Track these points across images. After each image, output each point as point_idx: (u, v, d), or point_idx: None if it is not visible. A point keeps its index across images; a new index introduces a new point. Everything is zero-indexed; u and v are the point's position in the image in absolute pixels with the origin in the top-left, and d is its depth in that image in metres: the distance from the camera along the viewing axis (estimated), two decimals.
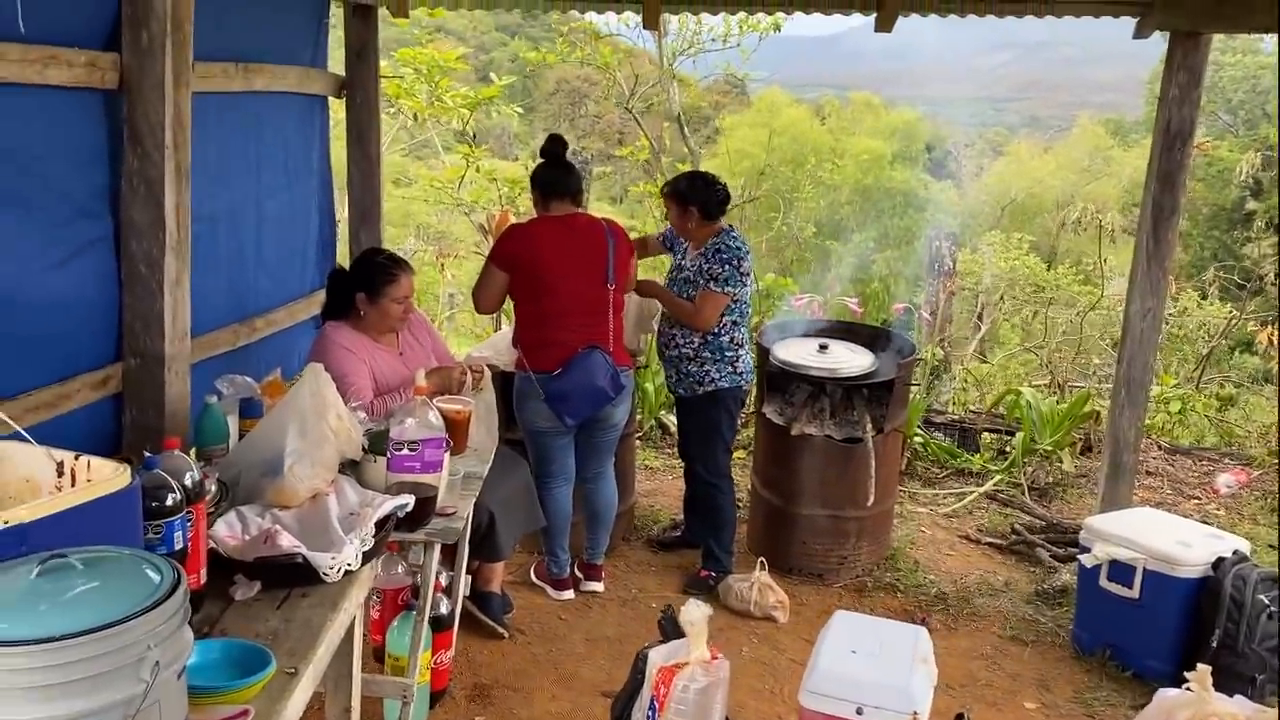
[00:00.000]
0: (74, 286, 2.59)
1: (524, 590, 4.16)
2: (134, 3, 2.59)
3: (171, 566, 1.58)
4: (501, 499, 3.55)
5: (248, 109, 3.52)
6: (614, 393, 3.75)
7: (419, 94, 6.73)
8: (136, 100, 2.65)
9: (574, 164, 3.95)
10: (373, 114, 4.60)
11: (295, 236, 4.08)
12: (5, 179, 2.31)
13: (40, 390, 2.51)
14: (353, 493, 2.65)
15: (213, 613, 2.24)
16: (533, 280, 3.73)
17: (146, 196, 2.71)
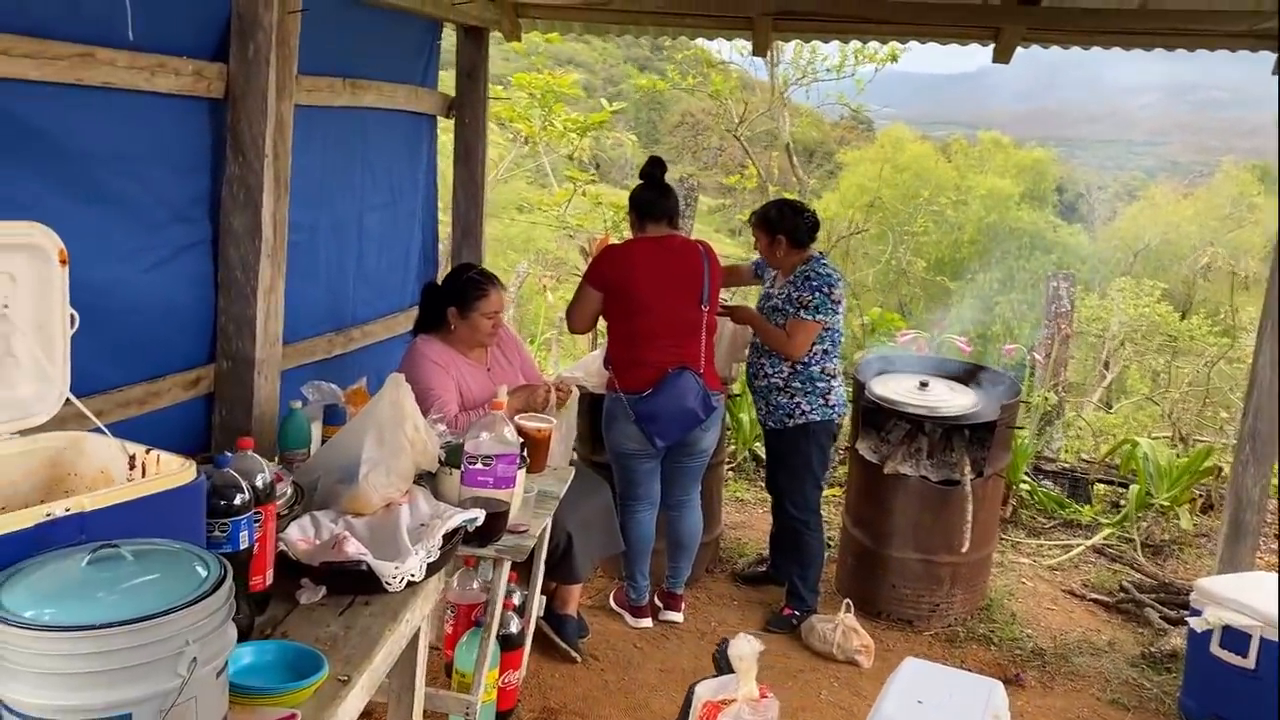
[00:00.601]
0: (170, 288, 2.67)
1: (602, 615, 4.11)
2: (242, 16, 2.68)
3: (220, 564, 1.58)
4: (580, 521, 3.52)
5: (354, 124, 3.60)
6: (704, 414, 3.70)
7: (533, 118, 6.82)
8: (240, 109, 2.73)
9: (672, 186, 3.92)
10: (480, 135, 4.66)
11: (397, 251, 4.15)
12: (108, 181, 2.40)
13: (132, 387, 2.59)
14: (425, 504, 2.65)
15: (277, 614, 2.25)
16: (625, 300, 3.71)
17: (245, 204, 2.79)
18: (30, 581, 1.47)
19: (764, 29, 4.68)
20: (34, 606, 1.41)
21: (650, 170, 3.86)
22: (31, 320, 1.95)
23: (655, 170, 3.86)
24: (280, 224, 2.89)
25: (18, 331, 1.93)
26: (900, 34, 4.86)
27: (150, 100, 2.48)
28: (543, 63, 7.74)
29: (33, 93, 2.12)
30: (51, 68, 2.14)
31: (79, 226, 2.30)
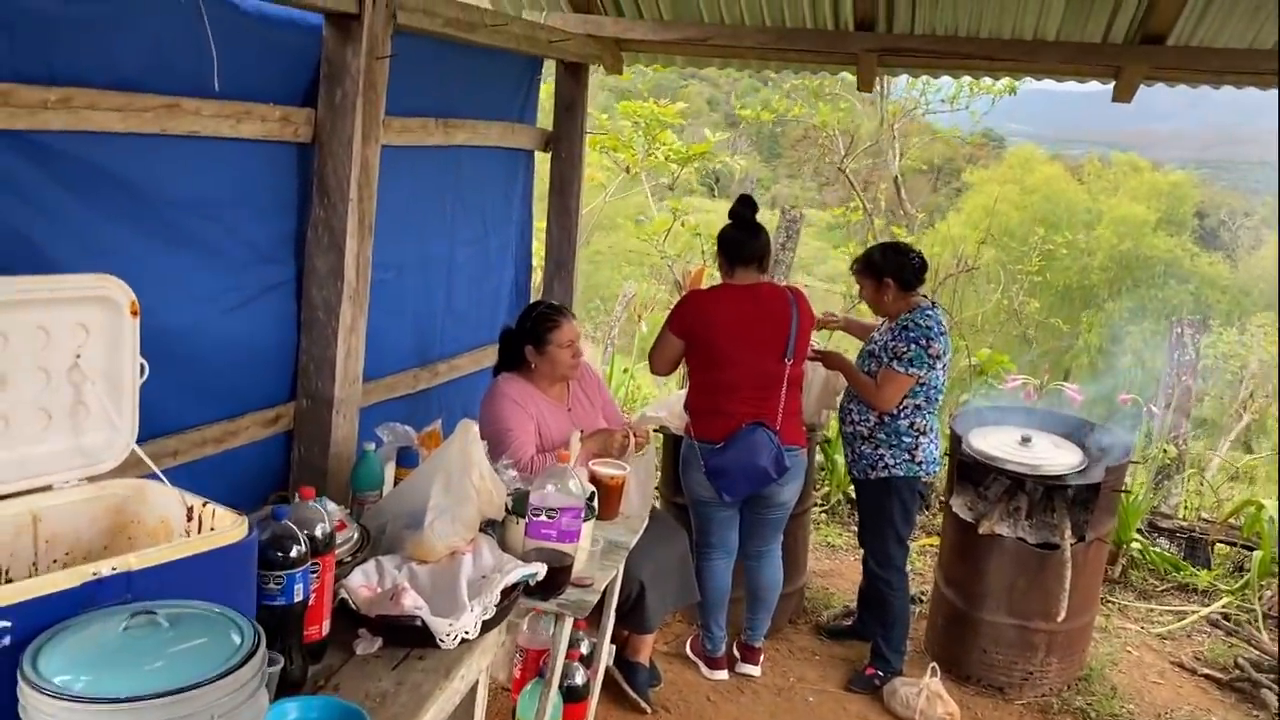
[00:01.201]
0: (252, 328, 2.73)
1: (677, 663, 4.03)
2: (331, 61, 2.72)
3: (255, 631, 1.58)
4: (655, 569, 3.46)
5: (447, 162, 3.63)
6: (776, 474, 3.59)
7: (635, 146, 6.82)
8: (327, 154, 2.78)
9: (763, 226, 3.83)
10: (576, 169, 4.66)
11: (488, 285, 4.18)
12: (191, 225, 2.46)
13: (210, 425, 2.64)
14: (489, 554, 2.63)
15: (332, 664, 2.26)
16: (707, 350, 3.64)
17: (329, 246, 2.83)
18: (68, 646, 1.49)
19: (869, 64, 4.57)
20: (68, 672, 1.42)
21: (740, 210, 3.78)
22: (102, 370, 2.01)
23: (745, 210, 3.77)
24: (363, 266, 2.92)
25: (89, 381, 1.98)
26: (1013, 71, 4.69)
27: (236, 146, 2.54)
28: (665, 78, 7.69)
29: (119, 143, 2.19)
30: (137, 119, 2.21)
31: (161, 270, 2.38)
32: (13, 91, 1.90)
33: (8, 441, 1.88)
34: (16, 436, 1.89)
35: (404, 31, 2.90)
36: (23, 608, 1.51)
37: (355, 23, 2.68)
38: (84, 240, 2.15)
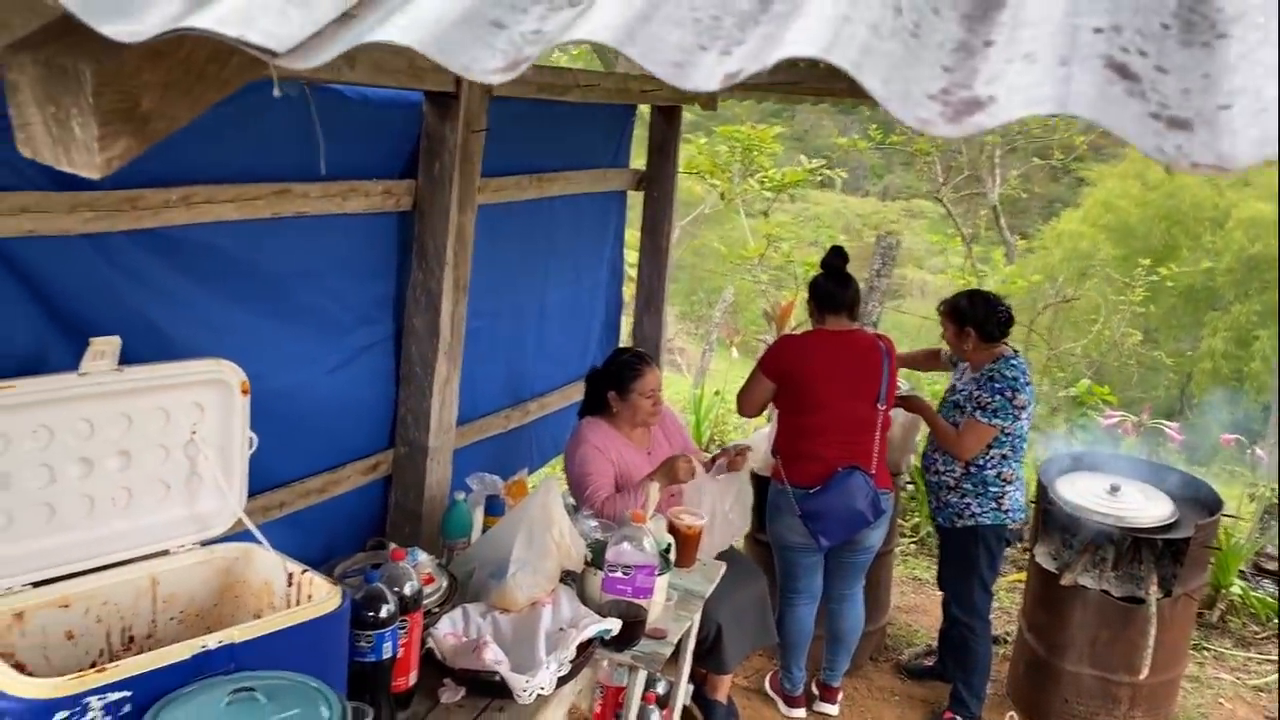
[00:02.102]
0: (352, 385, 2.91)
1: (755, 699, 4.11)
2: (430, 136, 2.88)
3: (341, 705, 1.73)
4: (733, 611, 3.54)
5: (541, 212, 3.77)
6: (873, 517, 3.63)
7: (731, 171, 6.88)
8: (425, 222, 2.94)
9: (853, 277, 3.87)
10: (667, 207, 4.75)
11: (579, 324, 4.31)
12: (297, 295, 2.64)
13: (314, 477, 2.83)
14: (567, 607, 2.75)
15: (419, 711, 2.42)
16: (799, 394, 3.70)
17: (426, 306, 3.00)
18: (178, 716, 1.66)
19: None
20: None
21: (831, 260, 3.83)
22: (215, 443, 2.19)
23: (836, 260, 3.82)
24: (458, 323, 3.08)
25: (202, 453, 2.17)
26: None
27: (342, 220, 2.71)
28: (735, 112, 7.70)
29: (233, 230, 2.38)
30: (251, 207, 2.39)
31: (270, 340, 2.57)
32: (140, 196, 2.10)
33: (131, 512, 2.08)
34: (138, 507, 2.09)
35: (499, 99, 3.04)
36: (141, 679, 1.69)
37: (454, 100, 2.83)
38: (201, 321, 2.34)
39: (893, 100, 0.54)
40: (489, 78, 0.65)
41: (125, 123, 0.66)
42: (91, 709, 1.64)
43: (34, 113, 0.65)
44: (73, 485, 1.99)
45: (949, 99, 0.54)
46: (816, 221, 14.20)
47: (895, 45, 0.53)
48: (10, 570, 1.91)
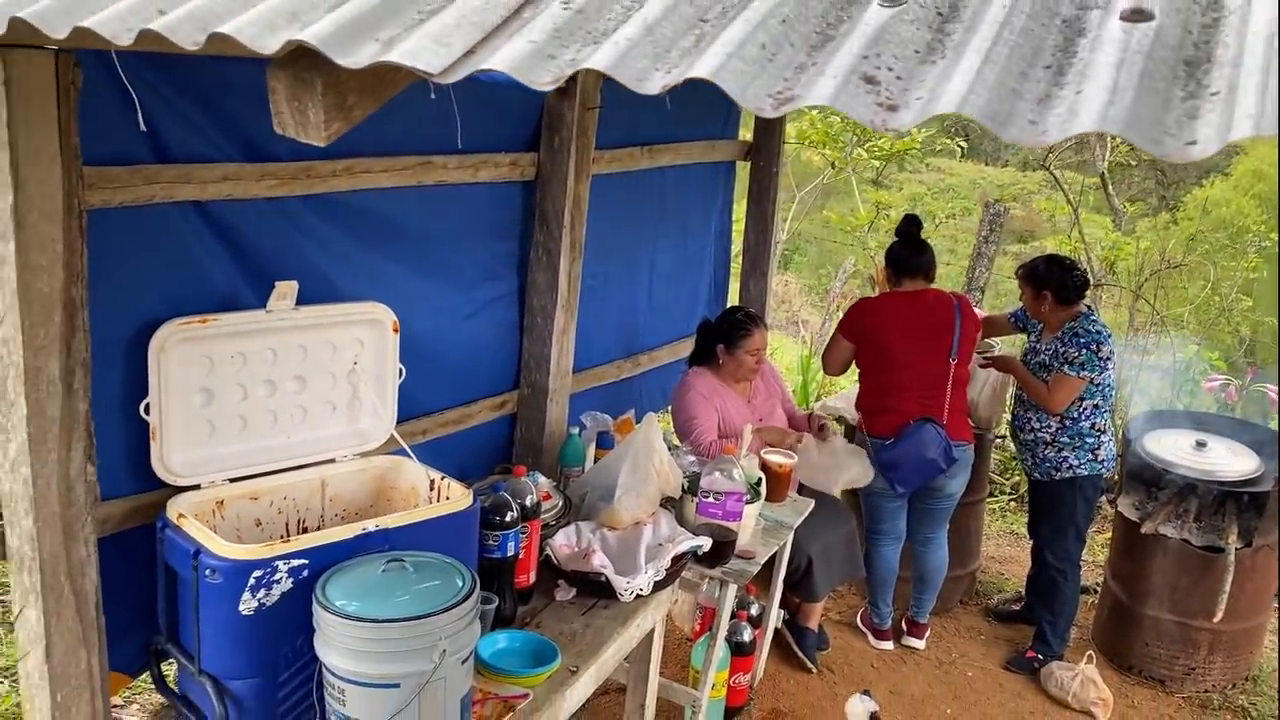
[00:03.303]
0: (483, 332, 3.31)
1: (847, 632, 4.39)
2: (550, 113, 3.24)
3: (472, 578, 2.12)
4: (822, 545, 3.83)
5: (651, 181, 4.09)
6: (945, 464, 3.85)
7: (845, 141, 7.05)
8: (546, 190, 3.31)
9: (928, 242, 4.08)
10: (773, 177, 5.00)
11: (686, 285, 4.63)
12: (438, 253, 3.04)
13: (450, 410, 3.24)
14: (666, 526, 3.10)
15: (536, 606, 2.81)
16: (876, 352, 3.95)
17: (546, 264, 3.37)
18: (345, 580, 2.07)
19: None
20: (344, 599, 2.00)
21: (906, 228, 4.06)
22: (372, 372, 2.61)
23: (911, 228, 4.05)
24: (574, 280, 3.44)
25: (362, 381, 2.59)
26: None
27: (475, 188, 3.10)
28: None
29: (385, 195, 2.78)
30: (399, 176, 2.79)
31: (415, 290, 2.97)
32: (313, 166, 2.51)
33: (306, 426, 2.52)
34: (312, 422, 2.53)
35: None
36: (316, 550, 2.11)
37: (571, 82, 3.17)
38: (360, 270, 2.75)
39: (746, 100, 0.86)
40: (541, 87, 0.99)
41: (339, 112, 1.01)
42: (279, 571, 2.07)
43: (284, 105, 1.02)
44: (260, 402, 2.43)
45: (779, 96, 0.84)
46: (951, 193, 14.02)
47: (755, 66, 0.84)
48: (212, 467, 2.36)
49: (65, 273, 1.93)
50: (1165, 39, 0.78)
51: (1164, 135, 0.71)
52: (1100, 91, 0.75)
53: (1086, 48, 0.79)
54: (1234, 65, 0.74)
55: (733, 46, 0.87)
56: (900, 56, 0.81)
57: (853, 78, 0.81)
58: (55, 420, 1.99)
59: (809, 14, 0.88)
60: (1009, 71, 0.79)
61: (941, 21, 0.84)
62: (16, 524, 2.04)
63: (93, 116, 1.95)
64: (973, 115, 0.76)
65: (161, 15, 1.05)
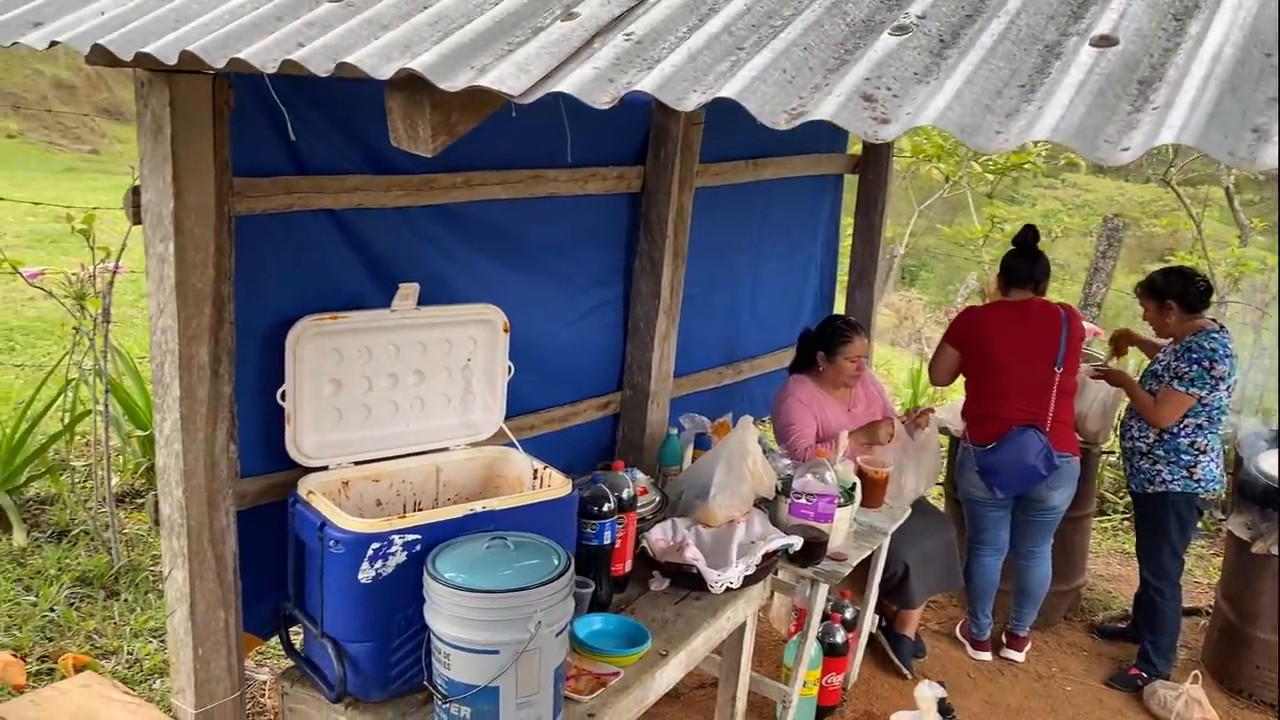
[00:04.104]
0: (588, 335, 3.47)
1: (945, 641, 4.39)
2: (657, 129, 3.39)
3: (567, 558, 2.27)
4: (920, 553, 3.86)
5: (756, 193, 4.20)
6: (1046, 471, 3.84)
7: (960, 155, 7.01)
8: (651, 201, 3.46)
9: (1043, 253, 4.07)
10: (881, 189, 5.04)
11: (790, 295, 4.71)
12: (547, 260, 3.22)
13: (556, 408, 3.42)
14: (759, 525, 3.20)
15: (631, 594, 2.94)
16: (980, 359, 3.96)
17: (650, 272, 3.52)
18: (454, 554, 2.24)
19: None
20: (452, 571, 2.17)
21: (1022, 239, 4.05)
22: (484, 369, 2.80)
23: (1027, 238, 4.05)
24: (676, 288, 3.58)
25: (475, 376, 2.78)
26: None
27: (583, 200, 3.27)
28: None
29: (499, 205, 2.98)
30: (513, 188, 2.98)
31: (526, 294, 3.15)
32: (435, 179, 2.72)
33: (424, 416, 2.72)
34: (429, 413, 2.73)
35: None
36: (428, 527, 2.29)
37: None
38: (475, 275, 2.95)
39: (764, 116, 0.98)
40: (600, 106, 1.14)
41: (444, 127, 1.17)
42: (394, 544, 2.26)
43: (399, 122, 1.19)
44: (383, 393, 2.64)
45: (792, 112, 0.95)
46: (1087, 209, 13.63)
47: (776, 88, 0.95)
48: (339, 451, 2.58)
49: (215, 271, 2.17)
50: (1126, 61, 0.86)
51: (1103, 142, 0.80)
52: (1058, 107, 0.84)
53: (1059, 69, 0.88)
54: (1177, 83, 0.82)
55: (759, 71, 1.00)
56: (899, 78, 0.93)
57: (854, 96, 0.93)
58: (203, 402, 2.23)
59: (829, 42, 1.01)
60: (985, 90, 0.89)
61: (942, 47, 0.95)
62: (169, 494, 2.29)
63: (241, 133, 2.18)
64: (946, 128, 0.86)
65: (300, 47, 1.23)
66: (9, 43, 1.50)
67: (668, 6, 1.18)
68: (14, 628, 3.15)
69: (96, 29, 1.43)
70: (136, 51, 1.34)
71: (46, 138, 16.79)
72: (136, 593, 3.44)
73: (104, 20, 1.44)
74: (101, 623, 3.29)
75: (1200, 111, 0.78)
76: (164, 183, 2.05)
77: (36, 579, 3.43)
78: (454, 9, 1.27)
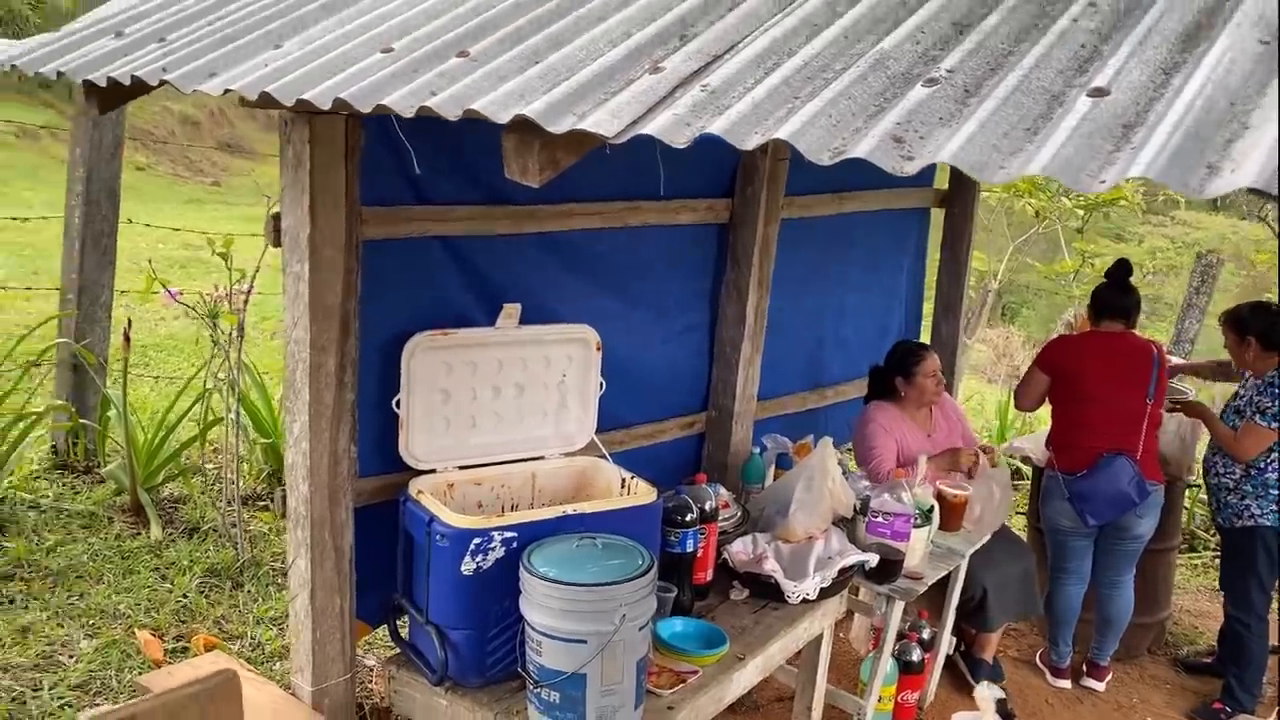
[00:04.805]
0: (675, 358, 3.64)
1: (1025, 669, 4.39)
2: (745, 165, 3.56)
3: (651, 559, 2.43)
4: (998, 579, 3.90)
5: (841, 224, 4.33)
6: (1138, 498, 3.85)
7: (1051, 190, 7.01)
8: (737, 233, 3.62)
9: (1135, 287, 4.11)
10: (966, 223, 5.11)
11: (874, 325, 4.80)
12: (638, 286, 3.40)
13: (645, 425, 3.59)
14: (836, 541, 3.30)
15: (711, 602, 3.08)
16: (1071, 387, 4.00)
17: (736, 299, 3.68)
18: (547, 551, 2.42)
19: None
20: (546, 566, 2.35)
21: (1115, 271, 4.10)
22: (578, 385, 3.00)
23: (1120, 272, 4.09)
24: (760, 314, 3.73)
25: (570, 391, 2.98)
26: None
27: (674, 230, 3.46)
28: None
29: (596, 234, 3.18)
30: (609, 218, 3.18)
31: (617, 316, 3.34)
32: (539, 209, 2.94)
33: (523, 426, 2.92)
34: (527, 424, 2.93)
35: None
36: (525, 526, 2.48)
37: None
38: (572, 298, 3.15)
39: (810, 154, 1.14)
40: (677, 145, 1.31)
41: (550, 163, 1.37)
42: (494, 539, 2.45)
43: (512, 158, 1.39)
44: (487, 404, 2.85)
45: (834, 150, 1.12)
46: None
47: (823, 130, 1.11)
48: (446, 456, 2.80)
49: (344, 290, 2.41)
50: (1115, 109, 0.99)
51: (1084, 176, 0.93)
52: (1052, 146, 0.97)
53: (1060, 115, 1.02)
54: (1153, 127, 0.94)
55: (809, 117, 1.16)
56: (926, 122, 1.07)
57: (886, 138, 1.08)
58: (329, 407, 2.47)
59: (870, 92, 1.16)
60: (995, 133, 1.03)
61: (966, 96, 1.09)
62: (295, 488, 2.53)
63: (368, 167, 2.43)
64: (959, 164, 1.00)
65: (433, 95, 1.44)
66: (190, 90, 1.76)
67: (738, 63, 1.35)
68: (153, 610, 3.45)
69: (261, 79, 1.67)
70: (297, 98, 1.58)
71: (173, 170, 17.80)
72: (259, 584, 3.73)
73: (267, 71, 1.69)
74: (228, 610, 3.57)
75: (1166, 151, 0.90)
76: (302, 210, 2.30)
77: (171, 569, 3.75)
78: (560, 64, 1.47)
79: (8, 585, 3.49)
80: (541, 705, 2.38)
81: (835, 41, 1.32)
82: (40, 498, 4.12)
